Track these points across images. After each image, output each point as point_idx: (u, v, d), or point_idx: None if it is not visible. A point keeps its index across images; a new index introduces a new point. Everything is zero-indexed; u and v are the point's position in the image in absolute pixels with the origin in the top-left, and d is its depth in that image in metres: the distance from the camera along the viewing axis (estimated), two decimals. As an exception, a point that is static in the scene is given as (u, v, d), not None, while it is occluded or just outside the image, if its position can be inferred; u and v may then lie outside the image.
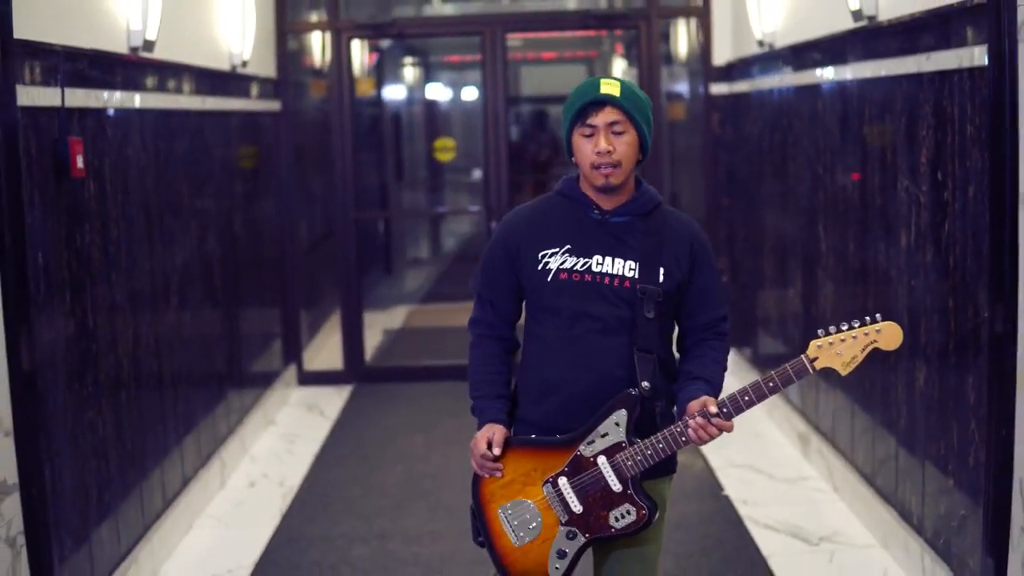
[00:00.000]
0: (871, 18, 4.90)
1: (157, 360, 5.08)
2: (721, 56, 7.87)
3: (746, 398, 2.89)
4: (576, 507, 3.00)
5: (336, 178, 8.01)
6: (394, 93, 12.24)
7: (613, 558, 3.12)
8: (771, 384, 2.89)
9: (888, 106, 4.80)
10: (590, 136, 3.02)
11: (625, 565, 3.12)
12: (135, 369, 4.80)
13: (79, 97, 4.23)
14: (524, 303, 3.19)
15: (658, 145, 8.16)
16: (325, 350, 8.63)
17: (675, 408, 3.08)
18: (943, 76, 4.19)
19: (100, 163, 4.44)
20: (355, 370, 8.16)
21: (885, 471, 4.99)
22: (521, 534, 3.06)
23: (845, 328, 2.88)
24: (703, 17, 7.94)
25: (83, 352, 4.25)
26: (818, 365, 2.89)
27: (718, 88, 7.91)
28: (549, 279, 3.05)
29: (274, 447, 6.68)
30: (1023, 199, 3.54)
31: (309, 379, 8.09)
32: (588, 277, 3.03)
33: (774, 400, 6.79)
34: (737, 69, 7.61)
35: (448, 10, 10.84)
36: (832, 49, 5.54)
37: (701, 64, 8.03)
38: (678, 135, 9.15)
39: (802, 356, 2.90)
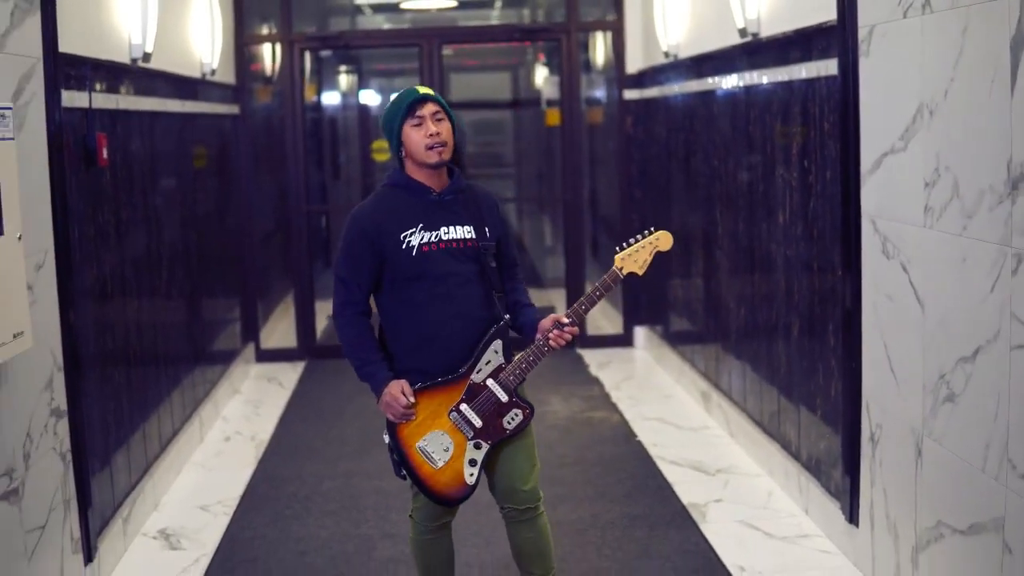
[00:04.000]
0: (754, 35, 5.89)
1: (153, 325, 5.94)
2: (633, 65, 8.87)
3: (583, 307, 3.84)
4: (477, 423, 3.88)
5: (290, 175, 8.88)
6: (331, 99, 13.09)
7: (506, 455, 3.97)
8: (598, 293, 3.83)
9: (768, 108, 5.79)
10: (419, 125, 3.86)
11: (517, 456, 3.98)
12: (137, 331, 5.65)
13: (100, 100, 5.11)
14: (382, 278, 3.88)
15: (578, 145, 9.13)
16: (276, 332, 9.49)
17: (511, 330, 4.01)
18: (807, 83, 5.19)
19: (113, 156, 5.30)
20: (307, 347, 9.05)
21: (770, 415, 5.97)
22: (439, 458, 3.90)
23: (634, 241, 3.88)
24: (617, 30, 8.92)
25: (103, 312, 5.10)
26: (624, 272, 3.88)
27: (631, 94, 8.90)
28: (414, 253, 3.83)
29: (242, 410, 7.56)
30: (864, 179, 4.52)
31: (266, 356, 8.96)
32: (442, 245, 3.88)
33: (681, 365, 7.80)
34: (647, 77, 8.60)
35: (379, 21, 11.72)
36: (724, 60, 6.54)
37: (616, 72, 9.00)
38: (596, 136, 10.09)
39: (613, 268, 3.86)
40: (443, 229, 3.88)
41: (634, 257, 3.88)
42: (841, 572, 4.73)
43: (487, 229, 3.94)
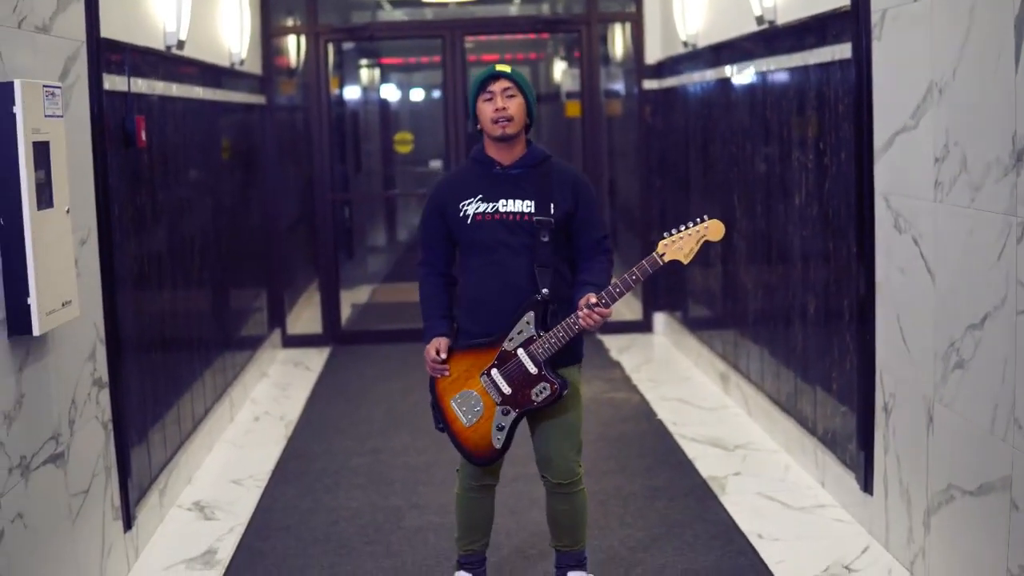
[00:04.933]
0: (771, 22, 6.04)
1: (185, 305, 6.12)
2: (652, 55, 9.02)
3: (617, 289, 3.94)
4: (506, 389, 4.06)
5: (316, 164, 9.07)
6: (352, 92, 13.27)
7: (545, 428, 4.18)
8: (634, 277, 3.92)
9: (784, 92, 5.94)
10: (489, 100, 4.09)
11: (555, 430, 4.19)
12: (171, 310, 5.83)
13: (138, 85, 5.29)
14: (456, 244, 4.22)
15: (598, 136, 9.29)
16: (302, 319, 9.68)
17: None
18: (822, 67, 5.34)
19: (150, 139, 5.48)
20: (333, 333, 9.24)
21: (787, 394, 6.12)
22: (470, 417, 4.11)
23: (682, 228, 3.94)
24: (636, 21, 9.08)
25: (140, 290, 5.28)
26: (666, 259, 3.93)
27: (650, 84, 9.05)
28: (469, 222, 4.09)
29: (270, 392, 7.75)
30: (877, 157, 4.67)
31: (292, 342, 9.15)
32: (497, 216, 4.08)
33: (699, 349, 7.95)
34: (666, 67, 8.76)
35: (399, 15, 11.90)
36: (742, 48, 6.69)
37: (635, 63, 9.16)
38: (616, 129, 10.24)
39: (653, 254, 3.94)
40: (501, 201, 4.08)
41: (679, 245, 3.93)
42: (856, 539, 4.88)
43: (552, 205, 4.06)
